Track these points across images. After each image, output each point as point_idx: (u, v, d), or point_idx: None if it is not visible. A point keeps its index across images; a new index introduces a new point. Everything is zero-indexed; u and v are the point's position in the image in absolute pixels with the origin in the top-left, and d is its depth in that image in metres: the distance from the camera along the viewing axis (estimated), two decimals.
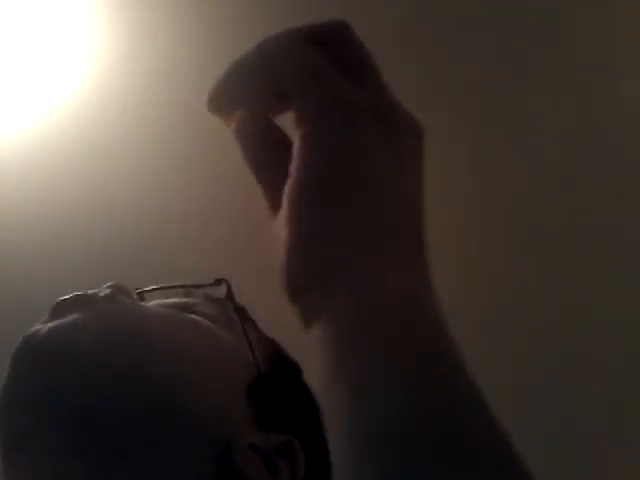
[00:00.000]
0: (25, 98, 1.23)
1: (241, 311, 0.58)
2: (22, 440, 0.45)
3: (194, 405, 0.48)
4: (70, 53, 1.20)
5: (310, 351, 0.30)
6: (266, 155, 0.34)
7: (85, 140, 1.25)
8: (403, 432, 0.25)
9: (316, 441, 0.51)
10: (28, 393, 0.46)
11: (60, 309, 0.49)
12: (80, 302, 0.50)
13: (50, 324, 0.48)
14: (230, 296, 0.59)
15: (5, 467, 0.46)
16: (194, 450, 0.46)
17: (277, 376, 0.55)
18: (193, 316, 0.54)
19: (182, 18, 1.17)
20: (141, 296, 0.58)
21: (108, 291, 0.52)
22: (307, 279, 0.30)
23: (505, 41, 1.17)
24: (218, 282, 0.60)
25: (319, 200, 0.31)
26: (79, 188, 1.27)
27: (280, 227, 0.32)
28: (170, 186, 1.26)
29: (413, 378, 0.26)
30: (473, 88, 1.19)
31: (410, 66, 1.13)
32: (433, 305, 0.30)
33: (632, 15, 1.16)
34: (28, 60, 1.20)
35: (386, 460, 0.24)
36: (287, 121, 0.34)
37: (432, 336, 0.28)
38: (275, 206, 0.34)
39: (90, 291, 0.52)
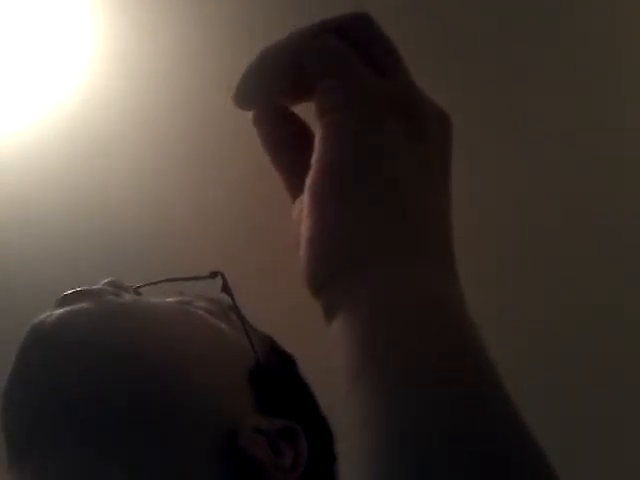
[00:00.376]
0: (24, 98, 1.23)
1: (235, 307, 0.58)
2: (26, 425, 0.46)
3: (198, 393, 0.48)
4: (69, 53, 1.20)
5: (310, 350, 0.30)
6: (285, 142, 0.35)
7: (84, 140, 1.25)
8: (416, 431, 0.24)
9: (315, 428, 0.52)
10: (33, 379, 0.47)
11: (67, 300, 0.50)
12: (87, 294, 0.51)
13: (58, 311, 0.49)
14: (226, 288, 0.59)
15: (9, 447, 0.46)
16: (197, 437, 0.47)
17: (276, 366, 0.56)
18: (196, 310, 0.54)
19: (182, 18, 1.17)
20: (137, 292, 0.59)
21: (109, 287, 0.52)
22: (328, 276, 0.30)
23: (505, 41, 1.17)
24: (213, 275, 0.60)
25: (339, 193, 0.30)
26: (78, 188, 1.27)
27: (301, 216, 0.32)
28: (170, 186, 1.26)
29: (426, 375, 0.26)
30: (473, 88, 1.19)
31: (409, 66, 1.12)
32: (453, 300, 0.30)
33: (632, 15, 1.16)
34: (27, 60, 1.20)
35: (403, 459, 0.24)
36: (304, 111, 0.34)
37: (448, 331, 0.28)
38: (294, 193, 0.34)
39: (93, 286, 0.52)
